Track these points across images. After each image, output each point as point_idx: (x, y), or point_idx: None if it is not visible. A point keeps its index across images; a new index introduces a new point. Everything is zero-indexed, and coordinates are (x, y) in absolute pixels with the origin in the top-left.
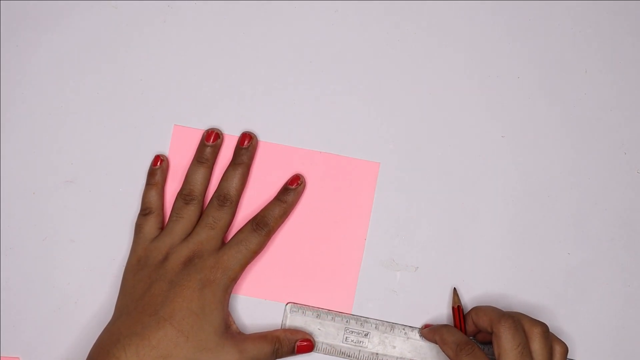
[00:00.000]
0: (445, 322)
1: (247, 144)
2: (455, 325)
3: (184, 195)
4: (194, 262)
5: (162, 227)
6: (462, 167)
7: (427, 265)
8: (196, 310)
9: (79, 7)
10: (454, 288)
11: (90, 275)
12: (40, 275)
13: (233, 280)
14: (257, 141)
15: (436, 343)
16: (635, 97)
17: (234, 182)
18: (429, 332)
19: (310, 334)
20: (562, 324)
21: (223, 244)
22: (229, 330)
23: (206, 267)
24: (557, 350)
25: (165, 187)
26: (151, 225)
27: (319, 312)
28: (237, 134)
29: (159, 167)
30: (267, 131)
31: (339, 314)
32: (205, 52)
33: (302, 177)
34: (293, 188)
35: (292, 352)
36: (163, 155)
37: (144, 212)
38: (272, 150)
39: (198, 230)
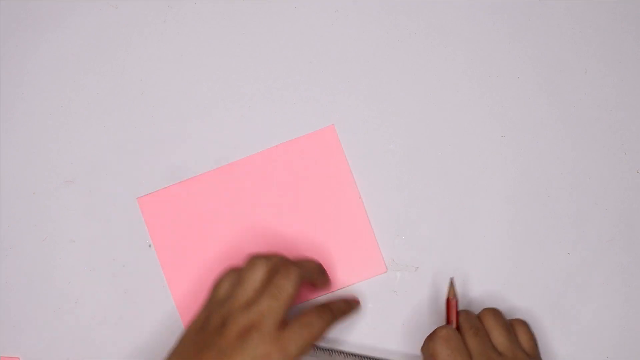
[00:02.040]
0: (443, 323)
1: (350, 305)
2: (446, 320)
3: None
4: (252, 336)
5: None
6: (462, 167)
7: (427, 265)
8: None
9: (79, 7)
10: (451, 279)
11: (90, 275)
12: (40, 275)
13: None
14: (359, 306)
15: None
16: (635, 97)
17: (311, 264)
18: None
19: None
20: (562, 324)
21: (285, 317)
22: None
23: (263, 344)
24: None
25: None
26: (228, 284)
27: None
28: (237, 134)
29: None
30: (267, 131)
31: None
32: (205, 52)
33: (359, 301)
34: (352, 304)
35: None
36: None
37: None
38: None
39: (260, 299)
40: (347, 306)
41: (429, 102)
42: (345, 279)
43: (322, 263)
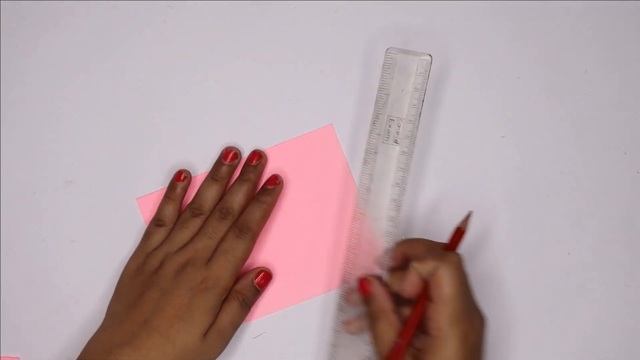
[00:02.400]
0: None
1: (255, 162)
2: (452, 240)
3: (192, 209)
4: (187, 271)
5: None
6: (462, 167)
7: None
8: (185, 317)
9: (79, 7)
10: (470, 212)
11: (90, 275)
12: (40, 275)
13: (225, 289)
14: (266, 159)
15: (411, 255)
16: (635, 97)
17: (239, 197)
18: (404, 243)
19: (263, 266)
20: (562, 324)
21: None
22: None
23: (197, 276)
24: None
25: (183, 203)
26: (160, 236)
27: None
28: (237, 134)
29: (180, 183)
30: (266, 130)
31: None
32: (205, 52)
33: (280, 176)
34: (271, 188)
35: (258, 292)
36: (187, 172)
37: (157, 222)
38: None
39: (196, 239)
40: (263, 210)
41: (429, 102)
42: (344, 276)
43: (321, 261)
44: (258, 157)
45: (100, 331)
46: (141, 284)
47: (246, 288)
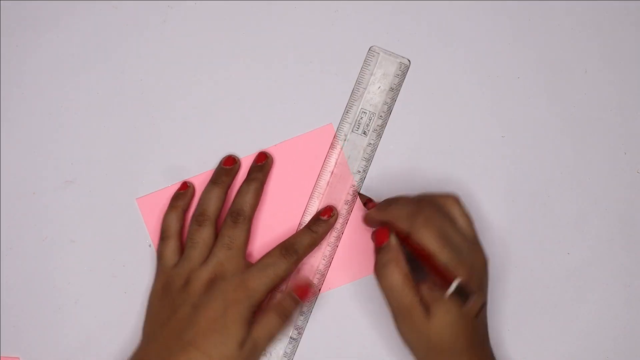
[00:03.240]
0: None
1: (262, 162)
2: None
3: (196, 217)
4: (217, 284)
5: (182, 251)
6: (462, 167)
7: None
8: (219, 329)
9: (79, 7)
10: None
11: (90, 275)
12: (40, 275)
13: (258, 302)
14: (272, 160)
15: (388, 220)
16: (635, 97)
17: (247, 197)
18: (377, 212)
19: (307, 278)
20: (562, 324)
21: (245, 261)
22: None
23: (230, 288)
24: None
25: (187, 213)
26: (171, 250)
27: None
28: (237, 133)
29: (183, 193)
30: (267, 130)
31: None
32: (205, 52)
33: (335, 208)
34: (325, 220)
35: (299, 304)
36: (190, 183)
37: (163, 235)
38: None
39: (215, 251)
40: (312, 239)
41: (429, 102)
42: (344, 276)
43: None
44: (264, 158)
45: (138, 351)
46: (171, 302)
47: (285, 299)
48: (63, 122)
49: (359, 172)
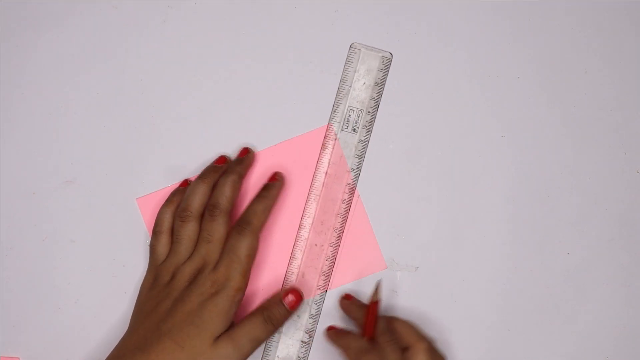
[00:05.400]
0: (445, 323)
1: (242, 157)
2: (367, 320)
3: (179, 213)
4: (197, 279)
5: None
6: (462, 167)
7: (427, 265)
8: (195, 321)
9: (79, 7)
10: (379, 281)
11: (90, 275)
12: (40, 275)
13: (238, 290)
14: (253, 155)
15: (339, 347)
16: (635, 97)
17: (224, 189)
18: (335, 335)
19: (297, 287)
20: (562, 324)
21: None
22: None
23: (207, 282)
24: None
25: None
26: (162, 245)
27: None
28: (236, 133)
29: (182, 189)
30: (266, 130)
31: None
32: (205, 52)
33: (280, 173)
34: (272, 183)
35: (287, 312)
36: (191, 181)
37: (155, 229)
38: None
39: (197, 246)
40: (264, 204)
41: (429, 102)
42: (345, 276)
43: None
44: (245, 153)
45: (120, 340)
46: (156, 295)
47: (273, 304)
48: (63, 122)
49: (353, 169)
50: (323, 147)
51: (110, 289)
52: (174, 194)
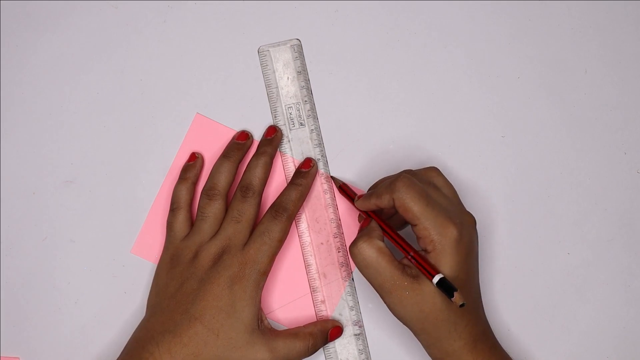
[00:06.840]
0: None
1: (271, 136)
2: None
3: (206, 191)
4: (223, 259)
5: (192, 223)
6: (462, 167)
7: None
8: (226, 307)
9: (79, 7)
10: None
11: (90, 275)
12: (40, 275)
13: (263, 273)
14: (281, 134)
15: (384, 206)
16: (635, 97)
17: (257, 171)
18: (362, 202)
19: (339, 322)
20: (562, 324)
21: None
22: (260, 327)
23: (234, 263)
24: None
25: (197, 185)
26: (181, 222)
27: None
28: (236, 132)
29: (192, 164)
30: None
31: None
32: (205, 52)
33: (314, 160)
34: (305, 171)
35: (326, 342)
36: (199, 153)
37: (172, 207)
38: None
39: (225, 225)
40: (299, 192)
41: (429, 102)
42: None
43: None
44: (274, 131)
45: (142, 323)
46: (179, 275)
47: (320, 336)
48: (63, 122)
49: (318, 159)
50: (282, 154)
51: (110, 289)
52: (186, 170)
